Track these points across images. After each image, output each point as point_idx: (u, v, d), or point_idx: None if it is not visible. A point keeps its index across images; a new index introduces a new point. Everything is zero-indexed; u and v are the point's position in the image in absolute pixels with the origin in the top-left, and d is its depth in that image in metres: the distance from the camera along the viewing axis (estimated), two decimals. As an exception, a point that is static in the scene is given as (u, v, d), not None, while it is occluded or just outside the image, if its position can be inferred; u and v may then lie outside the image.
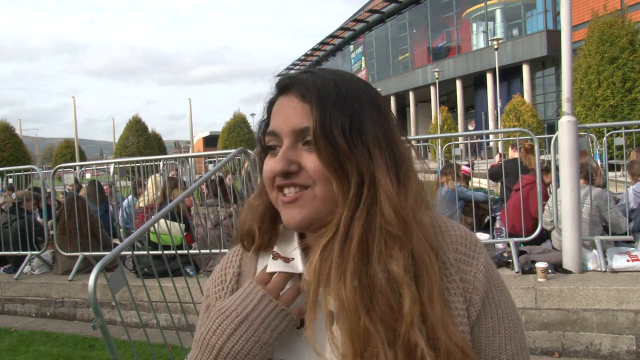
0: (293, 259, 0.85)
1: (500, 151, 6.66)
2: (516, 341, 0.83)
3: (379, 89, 0.84)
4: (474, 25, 39.42)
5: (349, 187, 0.75)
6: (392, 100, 44.51)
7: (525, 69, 32.89)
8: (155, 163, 7.46)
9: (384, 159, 0.76)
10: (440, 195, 5.55)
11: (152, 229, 3.52)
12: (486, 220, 5.89)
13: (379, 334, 0.71)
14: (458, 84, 38.23)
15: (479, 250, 0.83)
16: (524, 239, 4.64)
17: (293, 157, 0.77)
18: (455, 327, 0.75)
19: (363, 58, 53.36)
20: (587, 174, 4.57)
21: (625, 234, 4.56)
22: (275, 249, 0.88)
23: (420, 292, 0.73)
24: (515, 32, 36.02)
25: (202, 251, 4.59)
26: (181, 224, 4.52)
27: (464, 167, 6.54)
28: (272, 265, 0.85)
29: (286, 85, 0.81)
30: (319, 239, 0.78)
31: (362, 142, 0.75)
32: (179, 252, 4.10)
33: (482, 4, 37.40)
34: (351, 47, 56.27)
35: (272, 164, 0.79)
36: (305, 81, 0.79)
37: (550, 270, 4.12)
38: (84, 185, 7.40)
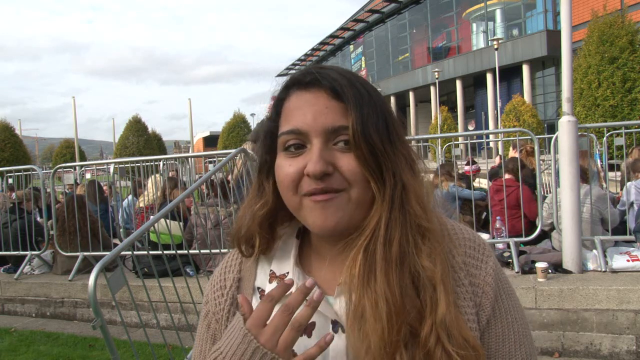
0: (288, 273, 0.82)
1: (500, 152, 6.67)
2: (525, 347, 0.80)
3: (378, 89, 0.82)
4: (474, 25, 39.42)
5: (384, 188, 0.73)
6: (392, 100, 44.49)
7: (525, 69, 32.89)
8: (155, 163, 7.45)
9: (406, 159, 0.76)
10: (439, 196, 5.51)
11: (152, 228, 3.52)
12: (483, 217, 5.89)
13: (404, 335, 0.70)
14: (458, 84, 38.22)
15: (487, 253, 0.81)
16: (524, 239, 4.64)
17: (328, 158, 0.72)
18: (468, 327, 0.74)
19: (363, 58, 53.35)
20: (585, 175, 4.58)
21: (626, 234, 4.56)
22: (274, 264, 0.85)
23: None
24: (515, 32, 36.03)
25: (202, 251, 4.59)
26: (180, 223, 4.52)
27: (466, 168, 6.53)
28: (269, 289, 0.80)
29: (314, 80, 0.75)
30: (349, 243, 0.74)
31: (392, 143, 0.74)
32: (179, 252, 4.10)
33: (482, 4, 37.41)
34: (351, 47, 56.26)
35: (300, 165, 0.73)
36: (335, 78, 0.74)
37: (550, 270, 4.11)
38: (80, 184, 7.39)
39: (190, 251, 4.48)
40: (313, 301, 0.68)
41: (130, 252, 3.81)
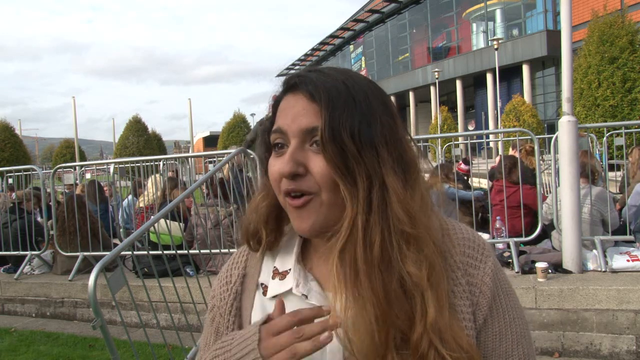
0: (290, 269, 0.84)
1: (500, 152, 6.68)
2: (523, 346, 0.81)
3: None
4: (474, 25, 39.43)
5: (357, 190, 0.73)
6: (392, 100, 44.47)
7: (525, 69, 32.90)
8: (155, 163, 7.45)
9: (392, 162, 0.75)
10: (438, 196, 5.48)
11: (152, 228, 3.52)
12: (479, 216, 5.88)
13: (394, 340, 0.70)
14: (458, 84, 38.23)
15: (486, 253, 0.81)
16: (524, 239, 4.64)
17: (300, 159, 0.75)
18: (463, 331, 0.74)
19: (363, 58, 53.36)
20: (586, 173, 4.57)
21: (626, 234, 4.56)
22: (277, 261, 0.87)
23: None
24: (515, 32, 36.03)
25: (202, 251, 4.59)
26: (181, 224, 4.52)
27: (462, 166, 6.52)
28: (272, 286, 0.84)
29: (295, 83, 0.78)
30: (332, 244, 0.75)
31: (370, 145, 0.73)
32: (179, 252, 4.10)
33: (482, 4, 37.41)
34: (351, 47, 56.27)
35: (279, 165, 0.76)
36: (314, 80, 0.76)
37: (550, 270, 4.11)
38: (79, 183, 7.38)
39: (190, 251, 4.49)
40: (319, 341, 0.68)
41: (130, 252, 3.81)
